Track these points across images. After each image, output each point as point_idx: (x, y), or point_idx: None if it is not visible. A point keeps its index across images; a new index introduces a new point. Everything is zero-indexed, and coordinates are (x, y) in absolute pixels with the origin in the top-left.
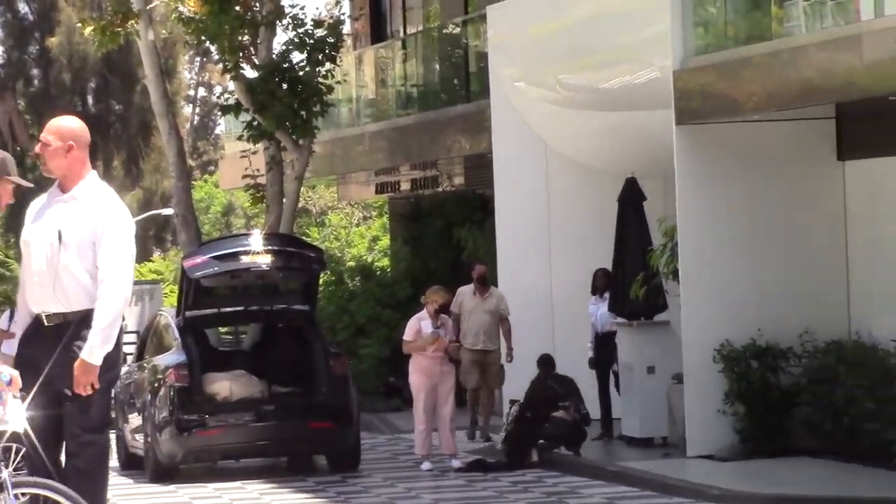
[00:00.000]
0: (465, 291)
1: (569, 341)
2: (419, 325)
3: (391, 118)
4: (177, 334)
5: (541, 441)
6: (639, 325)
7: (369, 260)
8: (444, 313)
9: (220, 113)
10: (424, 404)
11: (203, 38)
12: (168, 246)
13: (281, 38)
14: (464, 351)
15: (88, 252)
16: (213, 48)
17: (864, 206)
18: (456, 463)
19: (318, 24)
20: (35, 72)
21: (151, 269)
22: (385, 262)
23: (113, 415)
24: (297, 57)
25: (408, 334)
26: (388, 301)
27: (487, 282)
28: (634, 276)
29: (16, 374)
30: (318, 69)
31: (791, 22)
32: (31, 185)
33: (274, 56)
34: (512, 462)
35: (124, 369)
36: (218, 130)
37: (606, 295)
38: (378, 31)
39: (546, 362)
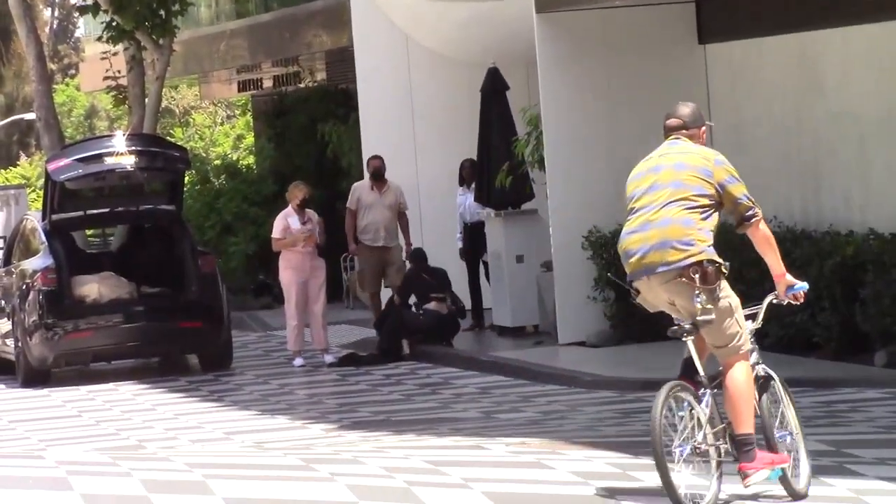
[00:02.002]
0: (362, 187)
1: (438, 233)
2: (286, 221)
3: (251, 15)
4: (43, 238)
5: (415, 335)
6: (506, 214)
7: (234, 158)
8: (308, 207)
9: (78, 14)
10: (296, 300)
11: None
12: (32, 151)
13: None
14: (362, 248)
15: None
16: None
17: (726, 89)
18: (328, 358)
19: None
20: None
21: (17, 174)
22: (250, 159)
23: None
24: None
25: (276, 231)
26: (254, 198)
27: (384, 176)
28: (500, 166)
29: None
30: None
31: None
32: None
33: None
34: (384, 355)
35: None
36: (78, 34)
37: (474, 186)
38: None
39: (418, 256)
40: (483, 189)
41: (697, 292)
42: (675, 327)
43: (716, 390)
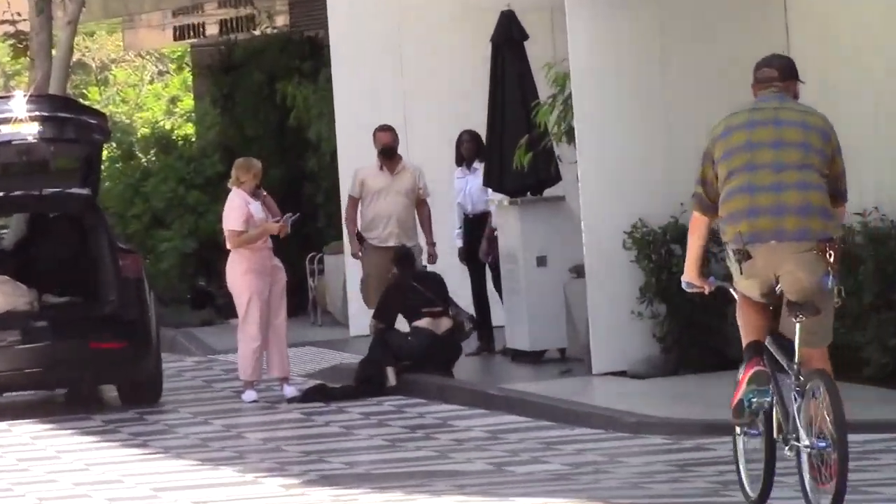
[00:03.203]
0: (368, 170)
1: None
2: (248, 208)
3: None
4: None
5: (403, 362)
6: (524, 202)
7: (168, 127)
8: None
9: None
10: (259, 314)
11: None
12: None
13: None
14: (368, 250)
15: None
16: None
17: (814, 40)
18: (290, 391)
19: None
20: None
21: None
22: (189, 128)
23: None
24: None
25: (234, 222)
26: (193, 180)
27: (396, 153)
28: (516, 140)
29: None
30: None
31: None
32: None
33: None
34: (363, 387)
35: None
36: None
37: (478, 165)
38: None
39: (403, 257)
40: (493, 169)
41: (829, 272)
42: (790, 306)
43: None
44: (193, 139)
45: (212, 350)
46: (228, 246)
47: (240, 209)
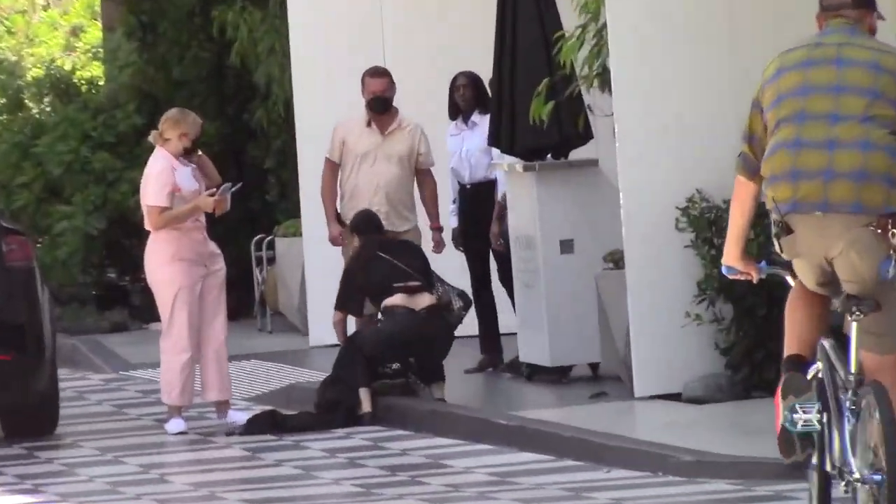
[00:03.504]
0: (351, 125)
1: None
2: (174, 176)
3: None
4: None
5: (383, 380)
6: (543, 168)
7: (68, 67)
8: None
9: None
10: (190, 315)
11: None
12: None
13: None
14: (350, 233)
15: None
16: None
17: None
18: (234, 417)
19: None
20: None
21: None
22: (96, 69)
23: None
24: None
25: (159, 195)
26: (101, 138)
27: (391, 106)
28: (532, 86)
29: None
30: None
31: None
32: None
33: None
34: (326, 415)
35: None
36: None
37: (477, 119)
38: None
39: (363, 222)
40: (501, 124)
41: (892, 256)
42: (845, 299)
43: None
44: (101, 83)
45: (125, 364)
46: (148, 226)
47: (163, 177)
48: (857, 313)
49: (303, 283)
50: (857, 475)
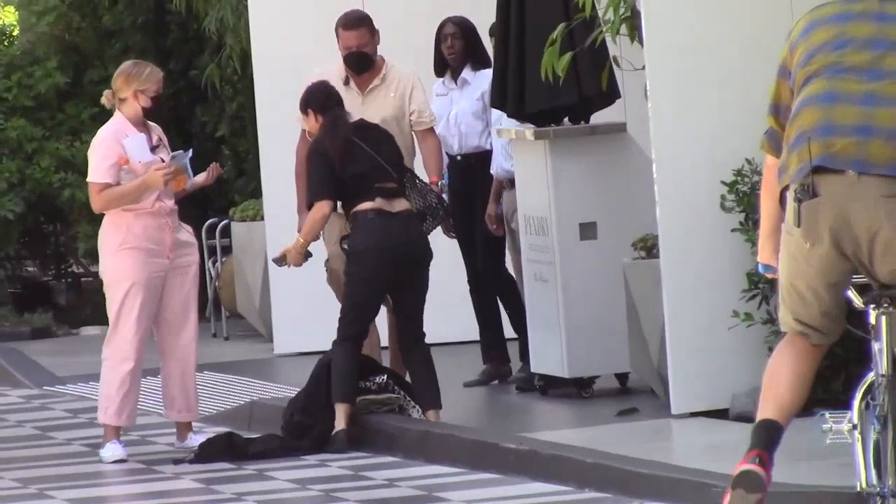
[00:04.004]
0: (328, 80)
1: None
2: (121, 145)
3: None
4: None
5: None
6: (559, 135)
7: None
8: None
9: None
10: (140, 317)
11: None
12: None
13: None
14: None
15: None
16: None
17: None
18: (195, 442)
19: None
20: None
21: None
22: (9, 16)
23: None
24: None
25: (98, 168)
26: (17, 100)
27: (372, 61)
28: (544, 35)
29: None
30: None
31: None
32: None
33: None
34: (294, 439)
35: None
36: None
37: (469, 76)
38: None
39: (327, 96)
40: (507, 82)
41: None
42: (876, 292)
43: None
44: (15, 33)
45: (50, 378)
46: (93, 206)
47: (105, 147)
48: (888, 306)
49: (265, 278)
50: (878, 489)
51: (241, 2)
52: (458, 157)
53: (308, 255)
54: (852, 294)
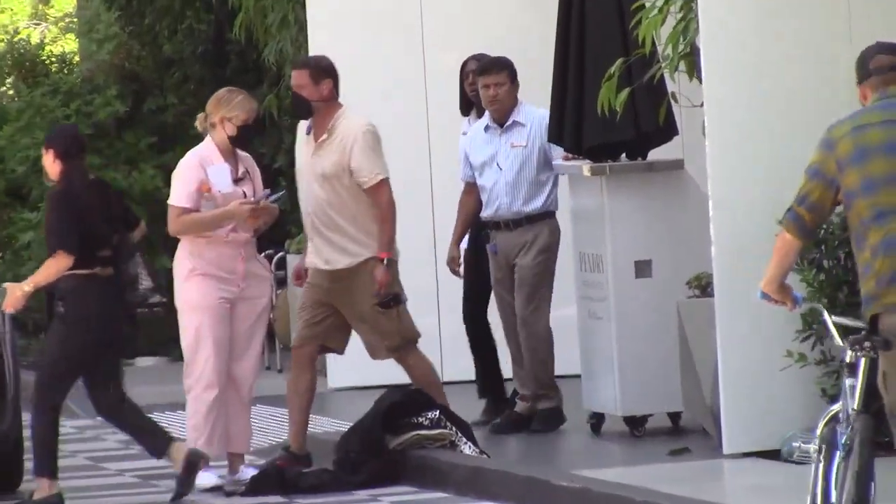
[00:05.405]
0: (303, 129)
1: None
2: (204, 172)
3: None
4: None
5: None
6: (615, 170)
7: (34, 40)
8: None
9: None
10: (215, 343)
11: None
12: None
13: None
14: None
15: None
16: None
17: None
18: (248, 474)
19: None
20: None
21: None
22: (70, 44)
23: None
24: None
25: (179, 193)
26: (79, 128)
27: (305, 105)
28: (602, 70)
29: None
30: None
31: None
32: None
33: None
34: (346, 475)
35: None
36: None
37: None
38: None
39: (74, 142)
40: (563, 116)
41: None
42: (862, 336)
43: None
44: (76, 61)
45: None
46: (169, 229)
47: (188, 172)
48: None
49: None
50: None
51: (302, 33)
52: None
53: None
54: (833, 330)
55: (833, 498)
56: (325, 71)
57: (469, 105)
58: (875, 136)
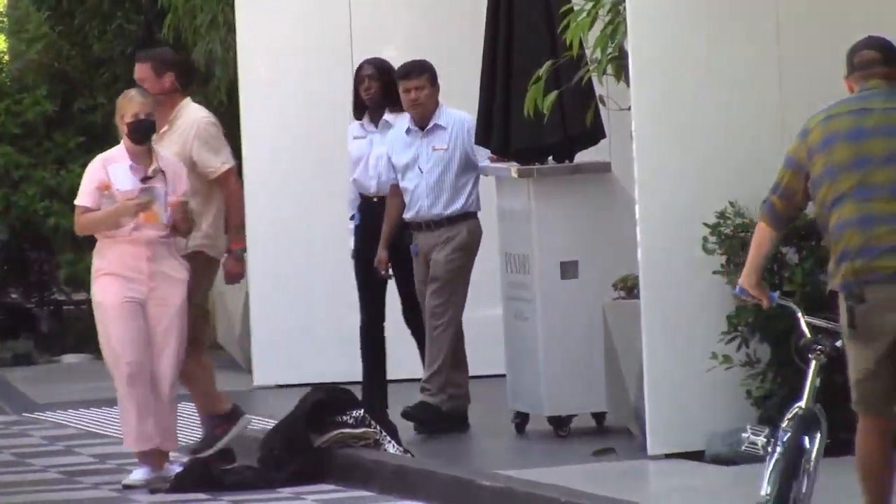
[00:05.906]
0: None
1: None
2: (105, 173)
3: None
4: None
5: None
6: (542, 173)
7: None
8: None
9: None
10: (122, 346)
11: None
12: None
13: None
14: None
15: None
16: None
17: None
18: (172, 472)
19: None
20: None
21: None
22: None
23: None
24: None
25: (82, 192)
26: (5, 127)
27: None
28: (529, 73)
29: None
30: None
31: None
32: None
33: None
34: (270, 472)
35: None
36: None
37: (391, 118)
38: None
39: None
40: (491, 119)
41: None
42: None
43: None
44: (5, 61)
45: (30, 405)
46: (75, 228)
47: (91, 173)
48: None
49: (246, 309)
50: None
51: (231, 34)
52: (375, 199)
53: None
54: (806, 330)
55: (763, 490)
56: (167, 64)
57: (363, 108)
58: (842, 123)
